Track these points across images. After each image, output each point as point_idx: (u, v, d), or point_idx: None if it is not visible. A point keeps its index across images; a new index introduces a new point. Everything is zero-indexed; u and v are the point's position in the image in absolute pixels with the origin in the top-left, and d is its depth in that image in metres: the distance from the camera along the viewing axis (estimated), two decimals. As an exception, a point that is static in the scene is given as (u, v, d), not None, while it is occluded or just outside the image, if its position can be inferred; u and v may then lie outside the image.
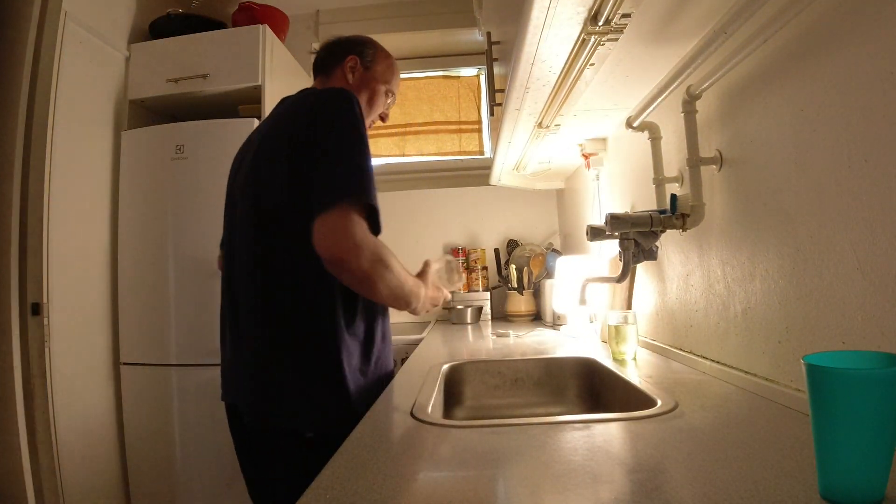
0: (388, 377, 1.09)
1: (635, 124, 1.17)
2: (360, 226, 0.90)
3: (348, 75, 1.18)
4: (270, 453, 0.97)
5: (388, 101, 1.25)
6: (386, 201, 2.65)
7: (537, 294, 2.21)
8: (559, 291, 1.69)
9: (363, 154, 0.95)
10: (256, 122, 1.93)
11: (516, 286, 2.22)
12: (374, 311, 1.06)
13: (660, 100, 1.05)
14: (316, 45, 1.28)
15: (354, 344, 0.99)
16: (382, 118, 1.26)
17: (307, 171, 0.92)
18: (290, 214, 0.95)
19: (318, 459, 0.62)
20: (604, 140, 1.60)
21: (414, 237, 2.52)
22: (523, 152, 1.70)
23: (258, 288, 0.98)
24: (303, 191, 0.92)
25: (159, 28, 2.05)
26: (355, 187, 0.91)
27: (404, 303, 1.00)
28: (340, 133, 0.95)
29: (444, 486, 0.55)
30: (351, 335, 0.98)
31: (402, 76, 2.77)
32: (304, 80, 2.43)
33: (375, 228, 0.94)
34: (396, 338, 1.90)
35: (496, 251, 2.45)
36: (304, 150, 0.94)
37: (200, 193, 1.89)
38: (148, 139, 1.95)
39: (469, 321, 2.21)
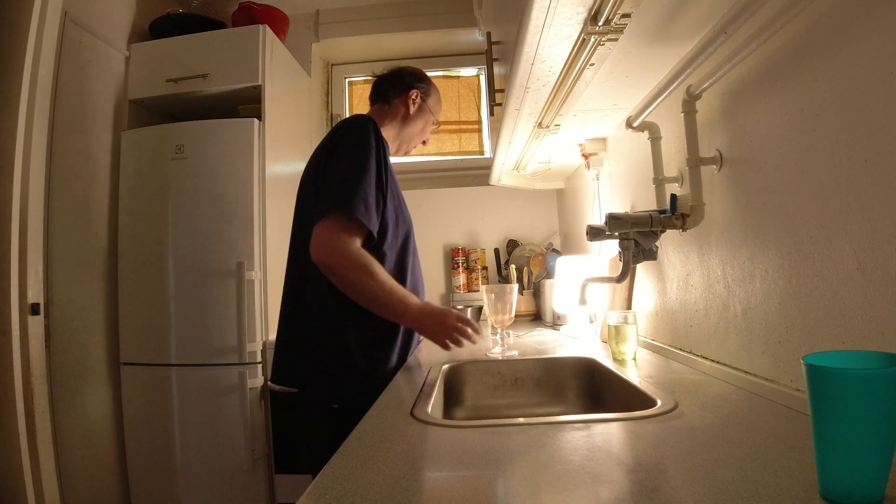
0: (393, 371, 1.20)
1: (635, 124, 1.17)
2: (345, 235, 1.05)
3: (411, 107, 1.37)
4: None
5: (433, 127, 1.46)
6: (386, 201, 2.63)
7: (537, 294, 2.21)
8: (559, 291, 1.69)
9: (362, 172, 1.08)
10: (257, 122, 1.93)
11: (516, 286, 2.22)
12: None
13: (660, 100, 1.05)
14: (376, 71, 1.44)
15: (366, 335, 1.16)
16: (425, 142, 1.48)
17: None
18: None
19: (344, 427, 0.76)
20: (604, 140, 1.60)
21: (414, 237, 2.52)
22: (523, 152, 1.70)
23: (295, 282, 1.18)
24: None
25: (159, 28, 2.05)
26: (345, 202, 1.05)
27: (390, 310, 1.12)
28: (344, 153, 1.11)
29: (444, 486, 0.55)
30: (363, 327, 1.15)
31: (401, 76, 2.78)
32: (304, 80, 2.44)
33: (370, 238, 1.10)
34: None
35: (496, 251, 2.45)
36: (323, 168, 1.13)
37: (200, 193, 1.89)
38: (148, 139, 1.95)
39: (469, 321, 2.20)
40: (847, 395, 0.42)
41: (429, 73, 2.79)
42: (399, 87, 1.36)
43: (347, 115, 2.77)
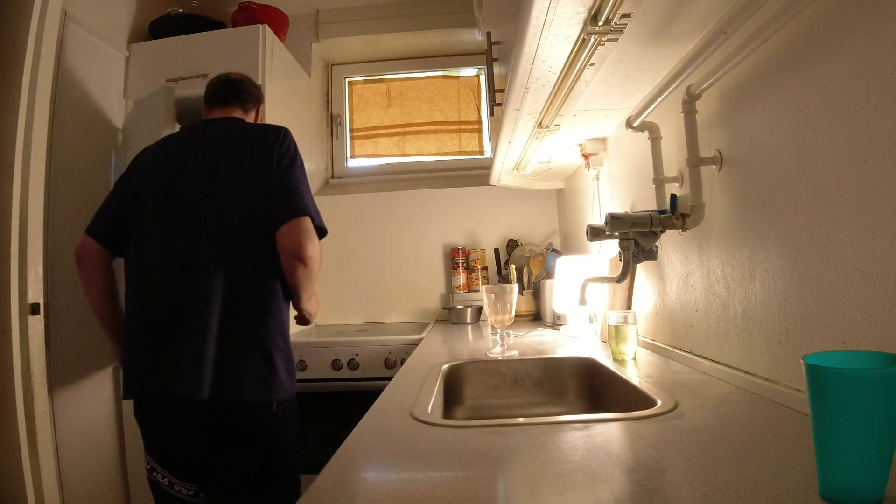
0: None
1: (635, 124, 1.17)
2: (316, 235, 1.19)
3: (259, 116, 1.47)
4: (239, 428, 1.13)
5: None
6: (386, 201, 2.67)
7: (537, 294, 2.21)
8: (559, 291, 1.69)
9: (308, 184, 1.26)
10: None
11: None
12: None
13: (660, 100, 1.05)
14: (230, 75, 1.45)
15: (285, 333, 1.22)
16: None
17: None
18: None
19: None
20: (604, 140, 1.60)
21: (414, 237, 2.52)
22: (523, 152, 1.70)
23: (229, 283, 1.14)
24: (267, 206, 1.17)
25: (159, 28, 2.05)
26: (310, 209, 1.18)
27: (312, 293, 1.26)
28: (301, 165, 1.25)
29: (444, 486, 0.55)
30: (284, 325, 1.21)
31: (402, 76, 2.79)
32: (304, 80, 2.44)
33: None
34: (396, 338, 1.91)
35: (496, 251, 2.45)
36: (278, 171, 1.20)
37: (200, 193, 1.88)
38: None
39: (469, 321, 2.21)
40: (847, 395, 0.42)
41: (429, 74, 2.83)
42: (257, 99, 1.44)
43: (347, 115, 2.79)
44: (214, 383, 1.08)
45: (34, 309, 1.39)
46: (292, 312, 1.27)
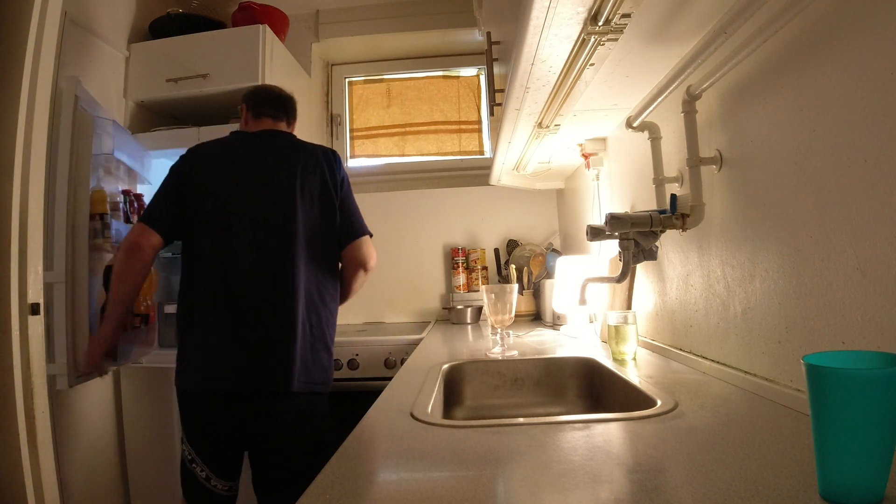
0: None
1: (635, 124, 1.17)
2: None
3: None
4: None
5: None
6: (386, 201, 2.66)
7: (537, 294, 2.21)
8: (559, 291, 1.69)
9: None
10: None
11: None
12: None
13: (660, 100, 1.05)
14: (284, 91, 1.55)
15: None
16: None
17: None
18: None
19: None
20: (604, 140, 1.60)
21: (414, 237, 2.52)
22: (523, 152, 1.70)
23: (309, 286, 1.30)
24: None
25: (159, 28, 2.05)
26: (366, 228, 1.43)
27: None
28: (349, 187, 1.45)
29: (444, 486, 0.55)
30: (335, 323, 1.39)
31: (402, 76, 2.79)
32: (304, 80, 2.43)
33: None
34: (396, 338, 1.91)
35: (496, 251, 2.45)
36: (340, 193, 1.40)
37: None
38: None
39: (469, 321, 2.21)
40: (847, 395, 0.42)
41: (429, 74, 2.82)
42: (296, 116, 1.55)
43: (347, 115, 2.79)
44: (299, 375, 1.23)
45: (34, 309, 1.39)
46: None
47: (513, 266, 2.22)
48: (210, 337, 1.23)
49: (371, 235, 1.43)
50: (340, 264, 1.42)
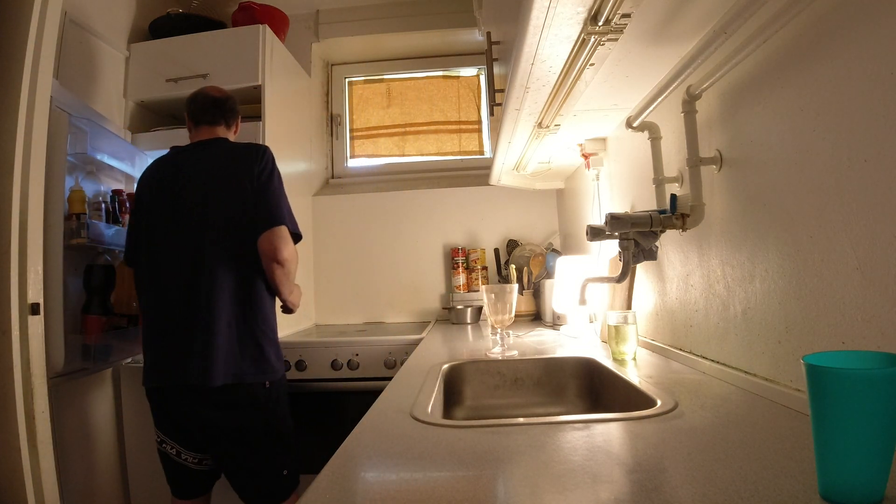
0: None
1: (635, 124, 1.17)
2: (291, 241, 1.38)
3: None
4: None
5: None
6: (386, 201, 2.66)
7: (537, 294, 2.21)
8: (559, 291, 1.69)
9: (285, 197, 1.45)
10: (259, 124, 1.93)
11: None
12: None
13: (660, 100, 1.05)
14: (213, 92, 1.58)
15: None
16: None
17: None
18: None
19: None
20: (604, 140, 1.60)
21: (414, 237, 2.52)
22: (523, 152, 1.70)
23: (228, 282, 1.33)
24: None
25: (159, 28, 2.05)
26: (286, 218, 1.38)
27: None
28: (279, 181, 1.43)
29: (443, 486, 0.55)
30: (270, 315, 1.43)
31: (402, 76, 2.79)
32: (304, 80, 2.44)
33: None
34: (396, 338, 1.91)
35: (496, 251, 2.45)
36: (257, 186, 1.38)
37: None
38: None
39: (469, 321, 2.21)
40: (847, 395, 0.42)
41: (429, 74, 2.83)
42: (237, 114, 1.59)
43: (347, 115, 2.79)
44: (221, 369, 1.28)
45: (34, 309, 1.39)
46: (278, 304, 1.48)
47: (513, 266, 2.22)
48: (150, 339, 1.38)
49: (288, 225, 1.37)
50: None
